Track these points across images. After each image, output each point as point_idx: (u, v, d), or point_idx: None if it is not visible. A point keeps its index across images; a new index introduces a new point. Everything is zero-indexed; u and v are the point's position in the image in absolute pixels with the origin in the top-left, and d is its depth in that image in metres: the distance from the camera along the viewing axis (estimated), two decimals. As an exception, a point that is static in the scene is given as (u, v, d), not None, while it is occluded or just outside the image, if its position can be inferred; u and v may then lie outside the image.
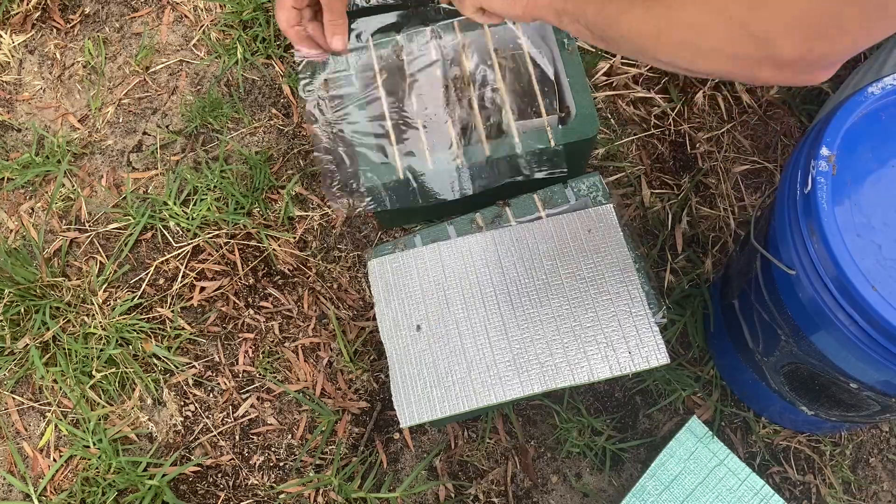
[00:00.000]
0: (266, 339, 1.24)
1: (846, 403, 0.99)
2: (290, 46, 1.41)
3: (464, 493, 1.17)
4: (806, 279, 0.84)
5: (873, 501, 1.19)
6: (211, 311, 1.25)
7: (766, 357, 1.04)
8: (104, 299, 1.25)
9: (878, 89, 0.85)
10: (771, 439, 1.20)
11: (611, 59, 1.40)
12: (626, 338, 0.95)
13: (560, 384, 0.93)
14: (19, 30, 1.45)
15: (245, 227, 1.28)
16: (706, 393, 1.21)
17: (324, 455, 1.19)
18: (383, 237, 1.29)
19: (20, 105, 1.41)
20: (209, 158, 1.34)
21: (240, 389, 1.22)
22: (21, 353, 1.22)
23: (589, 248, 1.00)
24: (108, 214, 1.31)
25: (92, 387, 1.20)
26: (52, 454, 1.19)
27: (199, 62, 1.41)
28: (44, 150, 1.35)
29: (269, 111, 1.37)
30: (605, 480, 1.18)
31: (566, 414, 1.19)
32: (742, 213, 1.31)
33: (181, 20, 1.45)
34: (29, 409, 1.22)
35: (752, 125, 1.37)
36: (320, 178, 1.33)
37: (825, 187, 0.81)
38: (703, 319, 1.23)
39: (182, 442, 1.20)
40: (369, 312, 1.24)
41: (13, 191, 1.34)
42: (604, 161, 1.33)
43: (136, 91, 1.40)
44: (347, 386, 1.21)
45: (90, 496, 1.15)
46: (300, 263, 1.27)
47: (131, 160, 1.36)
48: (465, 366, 0.95)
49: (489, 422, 1.19)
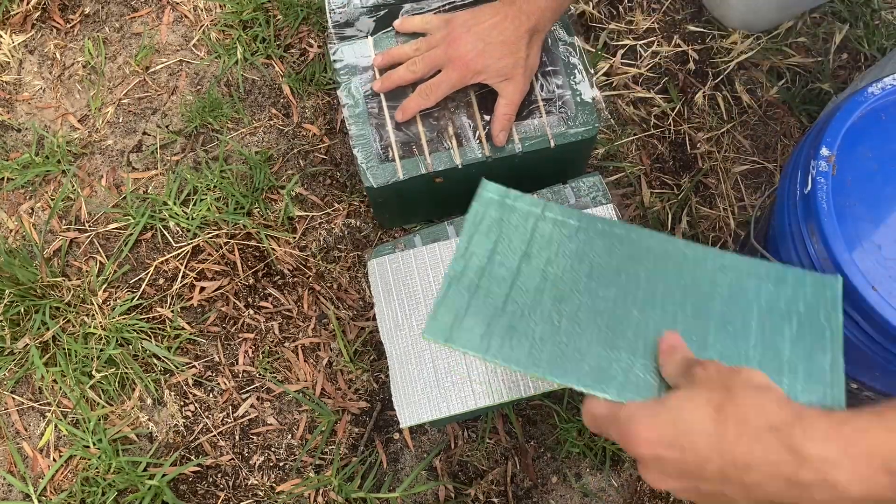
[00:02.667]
0: (266, 339, 1.24)
1: (846, 403, 0.99)
2: (290, 46, 1.41)
3: (464, 493, 1.17)
4: (806, 279, 0.84)
5: (873, 501, 1.19)
6: (211, 311, 1.25)
7: (766, 357, 1.04)
8: (104, 299, 1.25)
9: (878, 89, 0.85)
10: (771, 439, 1.20)
11: (611, 59, 1.40)
12: (626, 338, 0.95)
13: (560, 384, 0.93)
14: (19, 30, 1.45)
15: (245, 227, 1.28)
16: (706, 393, 1.21)
17: (324, 455, 1.19)
18: (383, 237, 1.29)
19: (20, 105, 1.41)
20: (209, 158, 1.34)
21: (240, 389, 1.22)
22: (21, 353, 1.22)
23: (589, 248, 0.99)
24: (107, 214, 1.31)
25: (92, 387, 1.20)
26: (52, 454, 1.19)
27: (199, 62, 1.41)
28: (44, 150, 1.35)
29: (269, 111, 1.37)
30: (605, 480, 1.18)
31: (566, 414, 1.19)
32: (742, 213, 1.31)
33: (181, 20, 1.45)
34: (29, 409, 1.22)
35: (752, 125, 1.37)
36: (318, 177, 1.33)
37: (825, 187, 0.81)
38: (703, 319, 1.23)
39: (182, 442, 1.20)
40: (369, 312, 1.24)
41: (13, 191, 1.34)
42: (604, 161, 1.33)
43: (136, 91, 1.40)
44: (347, 386, 1.21)
45: (90, 496, 1.15)
46: (300, 263, 1.27)
47: (131, 160, 1.36)
48: (464, 366, 0.95)
49: (489, 422, 1.19)
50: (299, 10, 1.41)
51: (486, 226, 0.77)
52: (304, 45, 1.41)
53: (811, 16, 1.44)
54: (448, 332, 0.71)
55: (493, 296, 0.73)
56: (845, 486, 0.48)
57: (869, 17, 1.43)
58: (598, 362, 0.69)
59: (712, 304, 0.72)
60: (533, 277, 0.74)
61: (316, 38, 1.41)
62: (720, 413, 0.52)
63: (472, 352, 0.70)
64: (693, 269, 0.75)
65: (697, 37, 1.44)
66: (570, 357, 0.70)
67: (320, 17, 1.42)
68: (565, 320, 0.72)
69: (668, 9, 1.45)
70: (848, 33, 1.42)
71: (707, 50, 1.43)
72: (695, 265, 0.75)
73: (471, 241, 0.76)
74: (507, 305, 0.73)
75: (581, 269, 0.75)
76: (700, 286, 0.73)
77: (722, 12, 1.41)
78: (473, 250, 0.75)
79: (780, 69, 1.40)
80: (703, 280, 0.74)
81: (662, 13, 1.45)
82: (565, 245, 0.76)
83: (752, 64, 1.41)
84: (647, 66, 1.40)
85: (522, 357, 0.70)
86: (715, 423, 0.52)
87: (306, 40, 1.42)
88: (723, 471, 0.51)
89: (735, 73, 1.40)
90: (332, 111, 1.37)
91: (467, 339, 0.71)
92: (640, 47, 1.42)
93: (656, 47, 1.42)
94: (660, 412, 0.56)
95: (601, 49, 1.41)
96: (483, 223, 0.77)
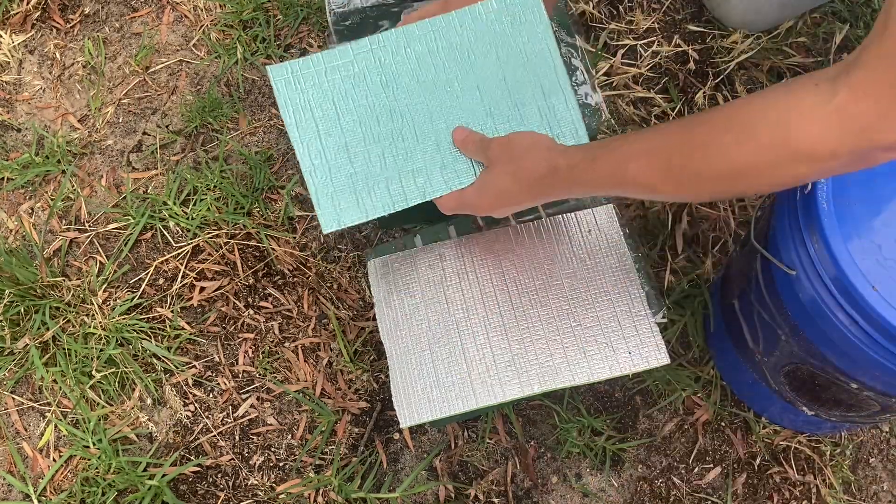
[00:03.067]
0: (266, 339, 1.24)
1: (846, 403, 0.99)
2: (290, 46, 1.41)
3: (464, 493, 1.17)
4: (806, 279, 0.84)
5: (873, 502, 1.19)
6: (211, 311, 1.25)
7: (766, 357, 1.04)
8: (104, 299, 1.25)
9: (878, 89, 0.85)
10: (771, 439, 1.20)
11: (611, 59, 1.40)
12: (626, 338, 0.95)
13: (560, 385, 0.93)
14: (19, 30, 1.45)
15: (245, 227, 1.28)
16: (706, 393, 1.21)
17: (324, 455, 1.19)
18: (383, 237, 1.29)
19: (20, 105, 1.41)
20: (209, 158, 1.34)
21: (240, 389, 1.22)
22: (21, 353, 1.22)
23: (589, 248, 1.00)
24: (107, 214, 1.31)
25: (92, 387, 1.20)
26: (52, 454, 1.19)
27: (199, 62, 1.41)
28: (44, 150, 1.35)
29: (269, 111, 1.37)
30: (605, 480, 1.18)
31: (566, 414, 1.19)
32: (742, 213, 1.31)
33: (181, 20, 1.45)
34: (29, 409, 1.22)
35: (753, 125, 1.37)
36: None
37: (825, 187, 0.81)
38: (703, 319, 1.23)
39: (182, 442, 1.20)
40: (369, 312, 1.24)
41: (13, 191, 1.34)
42: (604, 161, 1.32)
43: (136, 91, 1.40)
44: (347, 386, 1.21)
45: (90, 496, 1.15)
46: (300, 263, 1.27)
47: (131, 160, 1.36)
48: (464, 366, 0.95)
49: (489, 422, 1.19)
50: (299, 10, 1.41)
51: (299, 108, 0.90)
52: (304, 45, 1.41)
53: (811, 16, 1.44)
54: (337, 218, 0.88)
55: (341, 170, 0.89)
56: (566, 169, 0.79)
57: (869, 17, 1.43)
58: (430, 173, 0.89)
59: (473, 91, 0.91)
60: (354, 131, 0.90)
61: (316, 38, 1.41)
62: (516, 176, 0.82)
63: (358, 220, 0.88)
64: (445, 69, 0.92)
65: (698, 36, 1.44)
66: (415, 183, 0.90)
67: (320, 17, 1.42)
68: (392, 153, 0.90)
69: (668, 8, 1.45)
70: (848, 33, 1.42)
71: (707, 50, 1.43)
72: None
73: (300, 131, 0.90)
74: (354, 168, 0.89)
75: (380, 101, 0.91)
76: (452, 82, 0.91)
77: (722, 12, 1.41)
78: (306, 139, 0.90)
79: (781, 69, 1.40)
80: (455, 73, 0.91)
81: (663, 13, 1.45)
82: (356, 88, 0.91)
83: (753, 64, 1.41)
84: (648, 65, 1.40)
85: (388, 200, 0.89)
86: (515, 181, 0.82)
87: (306, 40, 1.42)
88: (526, 195, 0.83)
89: (735, 72, 1.40)
90: (332, 111, 1.37)
91: (350, 214, 0.88)
92: (640, 47, 1.42)
93: (657, 47, 1.42)
94: (482, 188, 0.86)
95: (601, 49, 1.41)
96: (295, 109, 0.90)
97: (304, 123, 0.90)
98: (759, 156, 0.64)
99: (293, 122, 0.90)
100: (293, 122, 0.90)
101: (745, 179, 0.66)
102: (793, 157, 0.63)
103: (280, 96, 0.90)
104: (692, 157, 0.68)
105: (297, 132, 0.90)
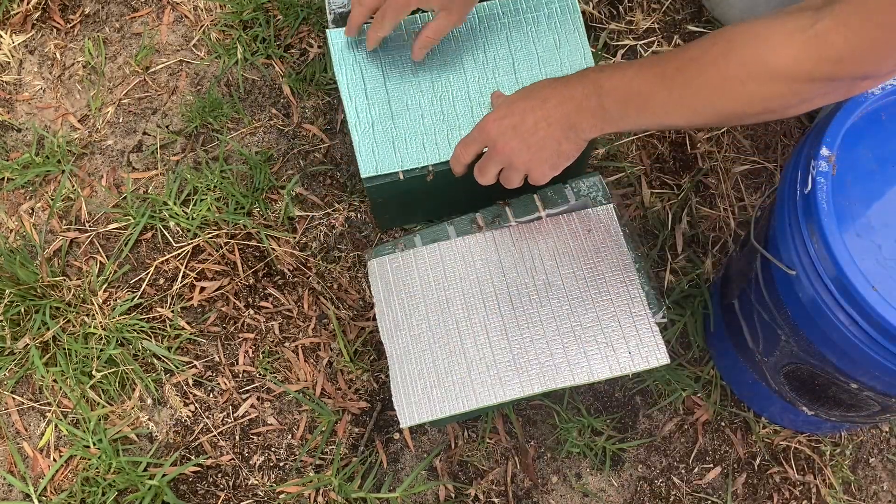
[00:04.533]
0: (266, 339, 1.24)
1: (846, 403, 0.99)
2: (290, 46, 1.41)
3: (464, 493, 1.17)
4: (806, 279, 0.84)
5: (873, 502, 1.19)
6: (211, 311, 1.25)
7: (766, 357, 1.04)
8: (104, 299, 1.25)
9: (878, 89, 0.85)
10: (771, 439, 1.20)
11: (611, 60, 1.40)
12: (626, 338, 0.95)
13: (560, 384, 0.93)
14: (19, 30, 1.45)
15: (245, 227, 1.28)
16: (706, 393, 1.21)
17: (324, 455, 1.19)
18: (383, 237, 1.29)
19: (20, 105, 1.41)
20: (209, 158, 1.34)
21: (240, 389, 1.22)
22: (21, 353, 1.22)
23: (589, 248, 1.00)
24: (108, 214, 1.31)
25: (92, 387, 1.20)
26: (52, 454, 1.19)
27: (199, 62, 1.41)
28: (44, 150, 1.35)
29: (269, 111, 1.37)
30: (605, 480, 1.18)
31: (566, 414, 1.19)
32: (742, 213, 1.31)
33: (181, 20, 1.45)
34: (29, 409, 1.22)
35: (753, 125, 1.37)
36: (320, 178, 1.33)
37: (825, 187, 0.81)
38: (703, 319, 1.23)
39: (182, 442, 1.20)
40: (369, 312, 1.24)
41: (13, 191, 1.34)
42: (604, 161, 1.33)
43: (136, 91, 1.40)
44: (347, 386, 1.21)
45: (90, 496, 1.15)
46: (300, 263, 1.28)
47: (131, 160, 1.36)
48: (465, 366, 0.95)
49: (489, 422, 1.19)
50: (299, 10, 1.41)
51: (351, 69, 1.04)
52: (304, 45, 1.41)
53: (811, 16, 1.44)
54: (375, 165, 1.01)
55: (383, 124, 1.02)
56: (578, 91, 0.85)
57: (869, 17, 1.43)
58: (464, 132, 1.01)
59: (508, 68, 1.05)
60: (397, 93, 1.03)
61: (316, 38, 1.41)
62: (544, 103, 0.88)
63: (392, 170, 1.01)
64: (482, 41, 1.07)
65: (697, 37, 1.44)
66: (448, 141, 1.03)
67: (320, 17, 1.42)
68: (430, 115, 1.03)
69: (668, 9, 1.45)
70: (848, 33, 1.42)
71: (707, 50, 1.42)
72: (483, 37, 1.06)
73: (350, 88, 1.03)
74: (395, 124, 1.03)
75: (422, 69, 1.04)
76: (494, 51, 1.06)
77: (721, 12, 1.41)
78: (354, 95, 1.03)
79: (781, 69, 1.40)
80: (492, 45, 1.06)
81: (662, 13, 1.45)
82: (403, 57, 1.04)
83: (753, 64, 1.41)
84: (648, 66, 1.40)
85: (422, 154, 1.02)
86: (541, 104, 0.88)
87: (306, 40, 1.42)
88: (543, 121, 0.88)
89: (735, 73, 1.40)
90: (332, 111, 1.37)
91: (388, 164, 1.02)
92: (640, 47, 1.42)
93: (656, 47, 1.42)
94: (504, 111, 0.90)
95: (601, 49, 1.41)
96: (348, 68, 1.04)
97: (353, 82, 1.04)
98: (741, 68, 0.70)
99: (344, 80, 1.03)
100: (344, 80, 1.03)
101: (729, 93, 0.72)
102: (770, 74, 0.68)
103: (335, 55, 1.04)
104: (687, 68, 0.75)
105: (347, 89, 1.03)
